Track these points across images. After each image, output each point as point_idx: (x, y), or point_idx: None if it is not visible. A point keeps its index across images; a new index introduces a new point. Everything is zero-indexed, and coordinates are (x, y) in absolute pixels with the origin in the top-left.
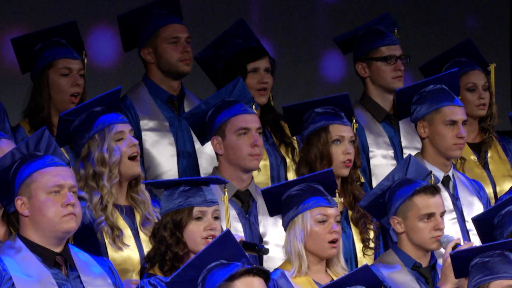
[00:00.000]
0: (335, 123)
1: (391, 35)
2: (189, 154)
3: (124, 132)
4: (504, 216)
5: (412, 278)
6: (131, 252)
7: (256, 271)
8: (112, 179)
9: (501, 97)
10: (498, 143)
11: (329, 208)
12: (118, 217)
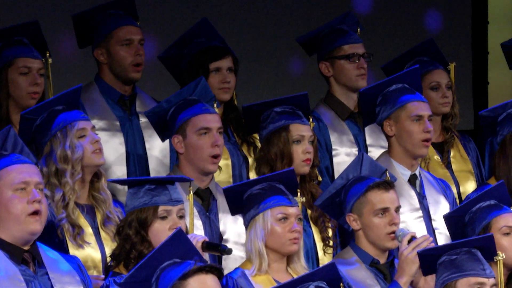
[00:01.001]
0: (295, 123)
1: (353, 33)
2: (139, 154)
3: (86, 129)
4: (475, 213)
5: (370, 274)
6: (92, 250)
7: (209, 269)
8: (75, 175)
9: (462, 96)
10: (459, 142)
11: (290, 207)
12: (79, 215)
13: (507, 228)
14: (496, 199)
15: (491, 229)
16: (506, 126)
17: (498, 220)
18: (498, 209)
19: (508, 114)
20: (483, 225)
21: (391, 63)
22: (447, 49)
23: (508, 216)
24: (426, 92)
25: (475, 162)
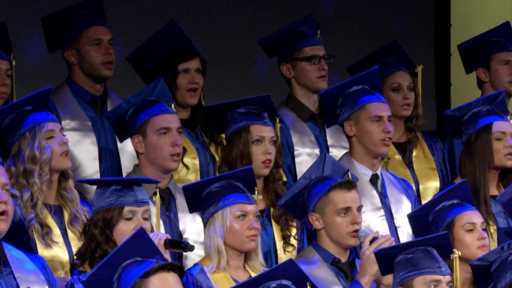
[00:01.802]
0: (256, 124)
1: (314, 35)
2: (112, 154)
3: (54, 130)
4: (438, 212)
5: (331, 273)
6: (60, 250)
7: (170, 267)
8: (42, 176)
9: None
10: (424, 143)
11: (248, 205)
12: (47, 215)
13: (470, 225)
14: (459, 198)
15: (455, 227)
16: (471, 125)
17: (461, 217)
18: (461, 207)
19: (472, 113)
20: (447, 223)
21: (356, 65)
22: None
23: (471, 214)
24: (388, 94)
25: (441, 161)
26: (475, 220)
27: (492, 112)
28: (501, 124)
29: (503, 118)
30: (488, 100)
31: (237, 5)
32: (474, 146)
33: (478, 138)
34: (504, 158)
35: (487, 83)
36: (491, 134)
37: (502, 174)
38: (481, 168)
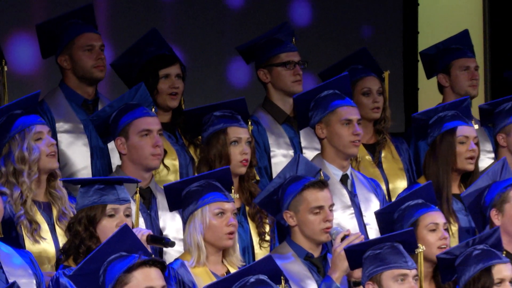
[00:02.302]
0: (233, 126)
1: (289, 42)
2: (103, 154)
3: (42, 132)
4: (403, 210)
5: (304, 267)
6: (47, 245)
7: (153, 262)
8: (31, 175)
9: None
10: (391, 144)
11: (226, 203)
12: (36, 212)
13: (433, 225)
14: (424, 198)
15: (419, 226)
16: (437, 128)
17: (425, 217)
18: (425, 207)
19: (438, 117)
20: (411, 221)
21: (327, 71)
22: (380, 57)
23: (434, 214)
24: (358, 98)
25: (407, 161)
26: (438, 220)
27: (457, 117)
28: (465, 129)
29: (467, 123)
30: (454, 105)
31: (216, 13)
32: (439, 148)
33: (442, 141)
34: (466, 162)
35: (447, 88)
36: (455, 137)
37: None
38: (444, 169)
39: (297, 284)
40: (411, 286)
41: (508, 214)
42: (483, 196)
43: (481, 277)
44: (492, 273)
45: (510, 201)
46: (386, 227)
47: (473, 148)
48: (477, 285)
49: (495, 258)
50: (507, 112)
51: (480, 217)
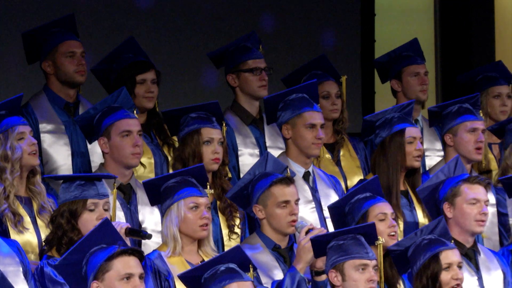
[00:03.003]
0: (206, 127)
1: (256, 50)
2: (82, 153)
3: (25, 132)
4: (353, 203)
5: (272, 257)
6: (30, 236)
7: (131, 251)
8: (14, 173)
9: (353, 103)
10: (349, 143)
11: (200, 197)
12: (19, 206)
13: (382, 215)
14: (371, 192)
15: (369, 217)
16: (386, 129)
17: (374, 208)
18: (373, 199)
19: (386, 119)
20: (362, 213)
21: (290, 76)
22: (340, 63)
23: (382, 205)
24: (319, 101)
25: (363, 159)
26: (386, 210)
27: (404, 119)
28: (412, 130)
29: (414, 125)
30: (400, 108)
31: (188, 23)
32: (388, 148)
33: (392, 141)
34: (413, 159)
35: (400, 93)
36: (404, 138)
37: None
38: (394, 168)
39: (265, 273)
40: (371, 275)
41: (459, 207)
42: (437, 191)
43: (430, 264)
44: (440, 259)
45: (461, 195)
46: (339, 220)
47: (420, 147)
48: (427, 272)
49: (442, 245)
50: (453, 114)
51: (435, 210)
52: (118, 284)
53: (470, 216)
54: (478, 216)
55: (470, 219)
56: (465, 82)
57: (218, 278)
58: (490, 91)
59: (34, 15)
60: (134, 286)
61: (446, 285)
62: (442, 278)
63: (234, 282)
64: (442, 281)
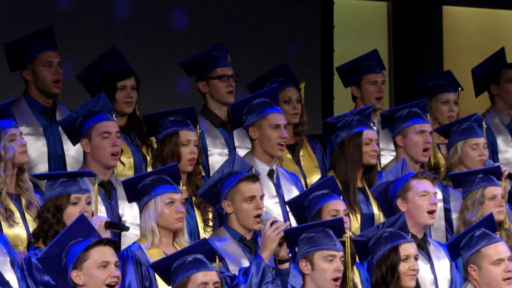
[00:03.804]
0: (184, 129)
1: (224, 59)
2: (59, 154)
3: (16, 134)
4: (311, 199)
5: (239, 248)
6: (20, 230)
7: (106, 242)
8: (6, 171)
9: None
10: (308, 144)
11: (175, 194)
12: (9, 202)
13: (334, 211)
14: (328, 189)
15: (323, 212)
16: (345, 131)
17: (328, 205)
18: (329, 196)
19: (346, 121)
20: (317, 209)
21: (254, 82)
22: (302, 71)
23: (336, 202)
24: (280, 105)
25: (321, 159)
26: (339, 207)
27: (362, 122)
28: (370, 132)
29: (371, 127)
30: (359, 112)
31: (163, 34)
32: (347, 148)
33: (350, 141)
34: (370, 158)
35: (359, 98)
36: (362, 139)
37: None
38: (351, 166)
39: (233, 262)
40: (338, 266)
41: (411, 201)
42: (388, 190)
43: (390, 255)
44: (399, 251)
45: (412, 190)
46: (297, 214)
47: (375, 148)
48: (387, 261)
49: (401, 239)
50: (403, 117)
51: (387, 207)
52: (96, 271)
53: (422, 208)
54: (429, 207)
55: (423, 211)
56: (416, 89)
57: (186, 267)
58: (439, 97)
59: (18, 26)
60: (110, 272)
61: (403, 274)
62: (400, 268)
63: (200, 271)
64: (400, 271)
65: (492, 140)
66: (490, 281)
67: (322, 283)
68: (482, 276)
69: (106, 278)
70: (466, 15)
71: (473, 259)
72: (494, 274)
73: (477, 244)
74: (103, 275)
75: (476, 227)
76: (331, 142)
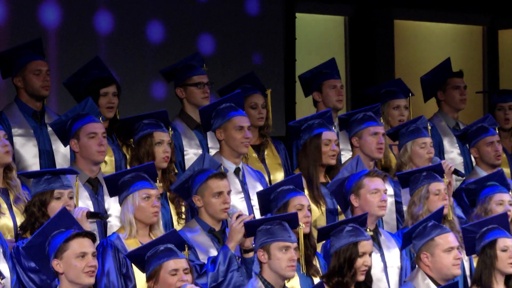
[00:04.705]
0: (157, 131)
1: (200, 68)
2: (48, 153)
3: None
4: (278, 193)
5: (208, 238)
6: (7, 220)
7: (85, 234)
8: None
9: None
10: (272, 145)
11: (151, 189)
12: None
13: (299, 206)
14: (294, 185)
15: (289, 206)
16: (307, 133)
17: (294, 199)
18: (294, 192)
19: (308, 124)
20: (284, 202)
21: (224, 88)
22: (267, 78)
23: (301, 197)
24: (247, 110)
25: (284, 158)
26: (303, 202)
27: (322, 125)
28: (329, 134)
29: (330, 129)
30: (319, 116)
31: (142, 45)
32: (308, 149)
33: (311, 143)
34: (329, 158)
35: (320, 102)
36: (321, 140)
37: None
38: (313, 164)
39: (202, 251)
40: (292, 255)
41: (363, 197)
42: (344, 185)
43: (349, 249)
44: (358, 247)
45: (364, 187)
46: (264, 205)
47: (334, 148)
48: (345, 254)
49: (362, 236)
50: (359, 121)
51: (343, 201)
52: (75, 261)
53: (373, 203)
54: (379, 203)
55: (374, 206)
56: (371, 95)
57: (158, 256)
58: (391, 103)
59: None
60: (87, 262)
61: (357, 268)
62: (356, 264)
63: (171, 259)
64: (356, 265)
65: (439, 141)
66: (441, 266)
67: (278, 270)
68: (435, 262)
69: (84, 267)
70: (415, 29)
71: (426, 247)
72: (446, 260)
73: (430, 233)
74: (81, 265)
75: (428, 219)
76: (297, 143)
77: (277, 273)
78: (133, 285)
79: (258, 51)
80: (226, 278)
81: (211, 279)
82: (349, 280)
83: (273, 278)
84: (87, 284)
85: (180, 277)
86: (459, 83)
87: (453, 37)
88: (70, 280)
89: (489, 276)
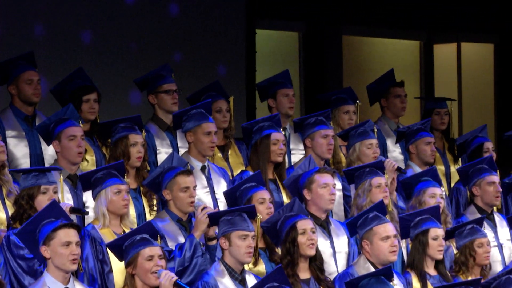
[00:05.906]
0: (132, 133)
1: (169, 77)
2: (38, 154)
3: None
4: (242, 191)
5: (176, 227)
6: (0, 212)
7: (71, 225)
8: None
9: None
10: (235, 145)
11: (122, 185)
12: None
13: (261, 199)
14: (256, 182)
15: (252, 200)
16: (258, 134)
17: (256, 194)
18: (256, 188)
19: (259, 126)
20: (248, 197)
21: (192, 95)
22: (231, 87)
23: (263, 192)
24: (213, 114)
25: (245, 157)
26: (265, 196)
27: (271, 126)
28: (277, 135)
29: (278, 131)
30: (269, 118)
31: (119, 57)
32: (259, 148)
33: (261, 142)
34: (276, 156)
35: (274, 108)
36: (270, 140)
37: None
38: (263, 162)
39: (171, 239)
40: (250, 243)
41: (314, 191)
42: (298, 181)
43: (290, 232)
44: (296, 227)
45: (315, 182)
46: (232, 202)
47: (281, 148)
48: (288, 237)
49: (297, 217)
50: (311, 124)
51: (298, 195)
52: (60, 248)
53: (323, 197)
54: (328, 196)
55: (324, 199)
56: (323, 101)
57: (135, 245)
58: (341, 108)
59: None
60: (71, 250)
61: (303, 245)
62: (299, 240)
63: (147, 247)
64: (299, 243)
65: (383, 142)
66: (379, 253)
67: (237, 256)
68: (373, 249)
69: (68, 254)
70: (361, 43)
71: (366, 235)
72: (383, 248)
73: (370, 223)
74: (66, 252)
75: (369, 210)
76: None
77: (237, 258)
78: (109, 268)
79: (222, 62)
80: (191, 263)
81: (178, 264)
82: (297, 256)
83: (233, 262)
84: (70, 270)
85: (155, 263)
86: (400, 92)
87: (394, 51)
88: (56, 265)
89: (421, 261)
